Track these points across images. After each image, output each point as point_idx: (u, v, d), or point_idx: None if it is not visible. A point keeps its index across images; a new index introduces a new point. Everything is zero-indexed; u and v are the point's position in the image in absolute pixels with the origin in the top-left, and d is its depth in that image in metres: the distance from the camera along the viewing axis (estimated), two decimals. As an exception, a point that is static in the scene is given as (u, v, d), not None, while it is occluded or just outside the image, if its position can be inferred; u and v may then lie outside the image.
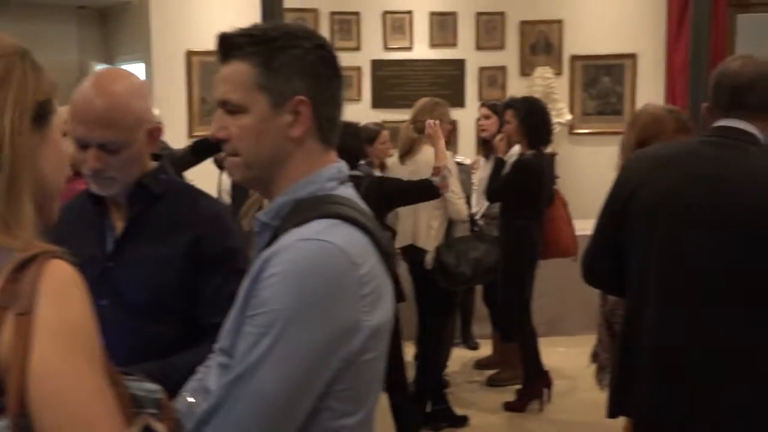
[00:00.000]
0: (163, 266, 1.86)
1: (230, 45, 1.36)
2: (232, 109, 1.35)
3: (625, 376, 2.28)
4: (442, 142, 4.31)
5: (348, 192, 1.40)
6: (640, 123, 2.94)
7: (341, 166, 1.42)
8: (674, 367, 2.14)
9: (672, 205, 2.16)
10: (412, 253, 4.66)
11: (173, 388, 1.50)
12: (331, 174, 1.39)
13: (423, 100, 4.75)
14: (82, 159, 1.83)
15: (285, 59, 1.34)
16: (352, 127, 4.07)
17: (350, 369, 1.26)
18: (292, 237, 1.27)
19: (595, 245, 2.41)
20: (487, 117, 5.57)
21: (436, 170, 4.10)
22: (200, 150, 3.82)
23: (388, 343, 1.37)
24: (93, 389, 1.04)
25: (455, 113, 7.72)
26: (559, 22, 8.20)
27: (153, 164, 1.96)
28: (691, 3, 6.04)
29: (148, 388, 1.25)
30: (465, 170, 5.29)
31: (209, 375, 1.36)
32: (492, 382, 5.38)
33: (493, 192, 4.94)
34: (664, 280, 2.17)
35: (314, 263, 1.23)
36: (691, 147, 2.26)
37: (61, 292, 1.06)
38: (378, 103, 8.09)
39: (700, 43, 5.41)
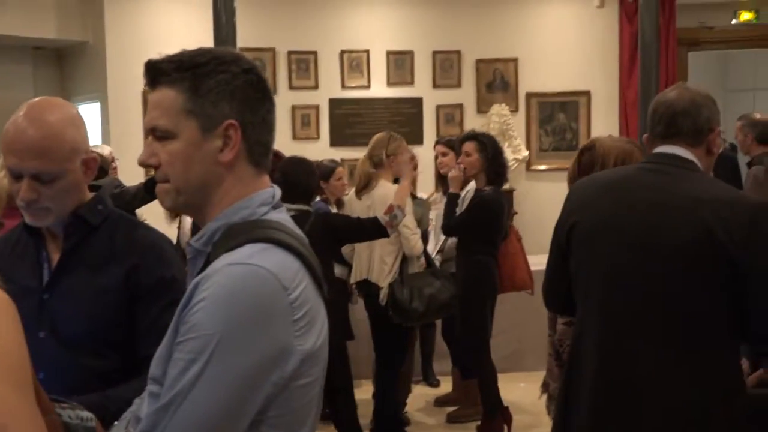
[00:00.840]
0: (99, 297, 1.83)
1: (157, 71, 1.35)
2: (161, 135, 1.34)
3: (568, 402, 2.28)
4: (406, 183, 4.33)
5: (281, 216, 1.39)
6: (611, 158, 2.95)
7: (275, 191, 1.41)
8: (613, 393, 2.15)
9: (608, 232, 2.19)
10: (367, 288, 4.65)
11: (111, 421, 1.48)
12: (263, 199, 1.38)
13: (379, 135, 4.78)
14: (16, 190, 1.80)
15: (212, 84, 1.34)
16: (306, 164, 4.09)
17: (283, 394, 1.25)
18: (222, 261, 1.26)
19: (549, 273, 2.48)
20: (444, 154, 5.58)
21: (389, 208, 4.11)
22: (152, 187, 3.81)
23: (323, 369, 1.35)
24: (23, 417, 1.01)
25: (413, 151, 7.85)
26: (515, 60, 8.35)
27: (90, 195, 1.93)
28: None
29: (82, 416, 1.23)
30: (423, 204, 5.30)
31: (142, 405, 1.33)
32: (452, 419, 5.33)
33: (449, 227, 4.94)
34: (603, 306, 2.20)
35: (243, 287, 1.22)
36: (629, 173, 2.30)
37: None
38: (336, 141, 8.15)
39: (650, 80, 5.55)
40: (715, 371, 2.09)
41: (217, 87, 1.34)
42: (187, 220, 4.95)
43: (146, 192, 3.81)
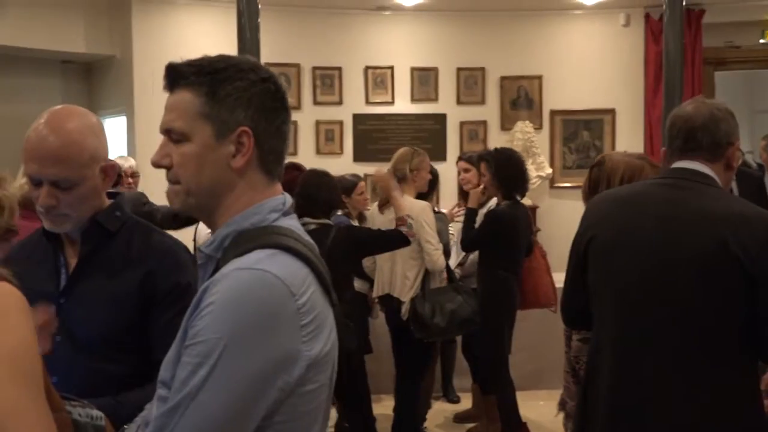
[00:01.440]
0: (115, 303, 1.85)
1: (177, 74, 1.37)
2: (176, 137, 1.36)
3: (584, 419, 2.26)
4: (397, 193, 4.33)
5: (290, 223, 1.39)
6: (618, 173, 2.94)
7: (285, 199, 1.41)
8: (628, 412, 2.12)
9: (623, 247, 2.18)
10: (389, 302, 4.65)
11: (123, 424, 1.49)
12: (274, 205, 1.38)
13: (402, 150, 4.79)
14: (35, 196, 1.83)
15: (230, 90, 1.35)
16: (327, 178, 4.11)
17: (289, 400, 1.25)
18: (230, 267, 1.26)
19: (568, 288, 2.47)
20: (466, 170, 5.59)
21: (400, 221, 4.11)
22: (182, 221, 3.89)
23: (331, 376, 1.35)
24: (32, 414, 1.02)
25: (436, 167, 7.84)
26: (539, 77, 8.34)
27: (108, 201, 1.96)
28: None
29: (92, 414, 1.25)
30: (441, 219, 5.29)
31: (153, 408, 1.34)
32: (471, 436, 5.30)
33: (467, 242, 4.95)
34: (617, 322, 2.19)
35: (250, 292, 1.22)
36: (646, 188, 2.29)
37: (2, 314, 1.05)
38: (359, 156, 8.17)
39: (674, 98, 5.52)
40: (732, 390, 2.05)
41: (235, 93, 1.35)
42: (204, 228, 4.99)
43: (174, 220, 3.84)
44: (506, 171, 4.87)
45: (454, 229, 5.65)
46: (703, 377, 2.05)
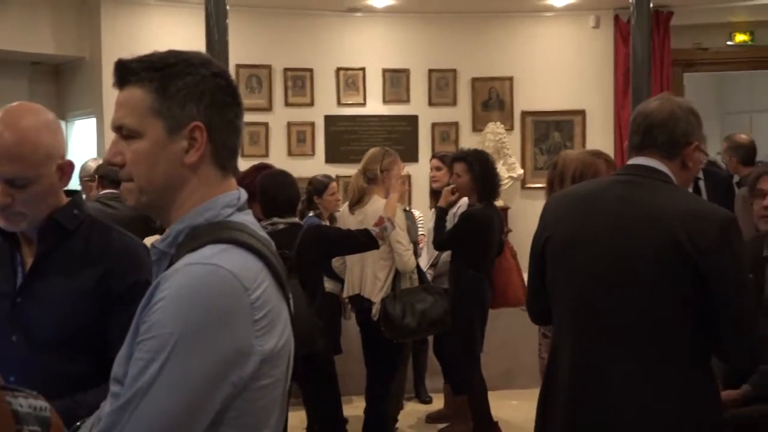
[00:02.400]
0: (73, 302, 1.83)
1: (126, 71, 1.36)
2: (128, 134, 1.35)
3: (544, 418, 2.28)
4: (395, 196, 4.34)
5: (244, 218, 1.39)
6: (569, 170, 2.97)
7: (240, 194, 1.41)
8: (585, 410, 2.14)
9: (578, 245, 2.20)
10: (359, 303, 4.64)
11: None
12: (227, 201, 1.38)
13: (373, 150, 4.78)
14: None
15: (180, 85, 1.34)
16: (284, 176, 4.11)
17: (243, 395, 1.24)
18: (182, 262, 1.26)
19: (530, 287, 2.49)
20: (438, 168, 5.61)
21: (380, 221, 4.12)
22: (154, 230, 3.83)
23: (286, 371, 1.35)
24: None
25: (408, 168, 7.86)
26: (510, 79, 8.39)
27: (66, 200, 1.94)
28: (635, 61, 6.24)
29: (35, 405, 1.23)
30: (410, 217, 5.30)
31: (105, 405, 1.33)
32: (443, 436, 5.31)
33: (439, 242, 4.96)
34: (574, 320, 2.20)
35: (202, 286, 1.22)
36: (601, 186, 2.31)
37: None
38: (331, 158, 8.18)
39: (641, 99, 5.54)
40: (687, 387, 2.06)
41: (185, 88, 1.35)
42: None
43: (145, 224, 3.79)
44: (485, 174, 4.90)
45: (425, 229, 5.66)
46: (660, 375, 2.06)
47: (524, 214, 7.88)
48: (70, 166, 1.90)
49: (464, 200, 5.06)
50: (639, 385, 2.06)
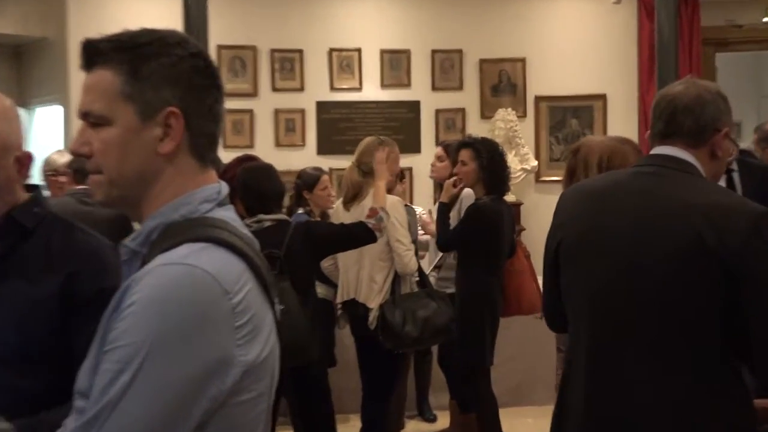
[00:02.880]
0: (32, 309, 1.82)
1: (94, 51, 1.36)
2: (95, 121, 1.35)
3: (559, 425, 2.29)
4: (381, 184, 4.34)
5: (225, 214, 1.39)
6: (594, 157, 2.96)
7: (220, 187, 1.41)
8: (603, 425, 2.14)
9: (593, 246, 2.20)
10: (354, 309, 4.65)
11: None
12: (206, 195, 1.38)
13: (368, 139, 4.77)
14: None
15: (154, 67, 1.35)
16: (266, 169, 4.11)
17: (223, 410, 1.24)
18: (155, 262, 1.26)
19: (546, 293, 2.50)
20: (440, 158, 5.58)
21: (372, 212, 4.13)
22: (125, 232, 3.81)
23: (271, 384, 1.35)
24: None
25: (410, 160, 7.88)
26: (522, 60, 8.39)
27: (25, 196, 1.93)
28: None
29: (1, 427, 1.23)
30: (410, 212, 5.27)
31: (70, 421, 1.33)
32: (449, 458, 5.32)
33: (444, 241, 4.94)
34: (590, 329, 2.21)
35: (177, 289, 1.22)
36: (619, 178, 2.31)
37: None
38: (324, 149, 8.19)
39: (668, 82, 5.53)
40: (716, 402, 2.06)
41: (159, 70, 1.35)
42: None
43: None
44: (495, 164, 4.89)
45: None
46: (687, 389, 2.06)
47: (539, 211, 7.88)
48: (30, 158, 1.89)
49: (468, 192, 5.02)
50: (663, 401, 2.06)
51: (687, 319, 2.04)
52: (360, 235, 4.14)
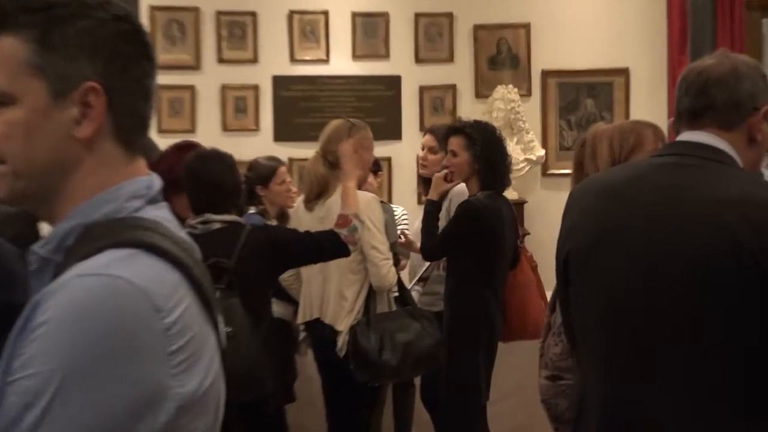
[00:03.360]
0: None
1: None
2: None
3: None
4: (353, 183, 4.33)
5: (158, 214, 1.40)
6: (603, 145, 2.99)
7: (151, 181, 1.42)
8: None
9: (607, 252, 2.23)
10: (319, 332, 4.66)
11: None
12: (134, 190, 1.39)
13: (336, 123, 4.77)
14: None
15: (70, 33, 1.35)
16: (223, 158, 4.01)
17: None
18: (71, 273, 1.26)
19: (562, 312, 2.56)
20: (432, 150, 5.54)
21: (343, 220, 4.13)
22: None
23: (214, 422, 1.36)
24: None
25: (388, 148, 7.89)
26: (526, 27, 8.43)
27: None
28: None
29: None
30: (388, 210, 5.24)
31: None
32: None
33: (430, 248, 4.93)
34: (604, 350, 2.24)
35: (98, 306, 1.22)
36: (637, 171, 2.33)
37: None
38: (282, 134, 8.22)
39: (702, 54, 5.58)
40: (749, 427, 2.09)
41: (76, 37, 1.35)
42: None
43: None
44: (492, 151, 4.90)
45: (411, 231, 5.64)
46: (712, 415, 2.09)
47: (546, 211, 7.90)
48: None
49: (460, 189, 5.03)
50: (687, 426, 2.09)
51: (719, 339, 2.07)
52: (329, 247, 4.15)
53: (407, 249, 5.44)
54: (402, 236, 5.29)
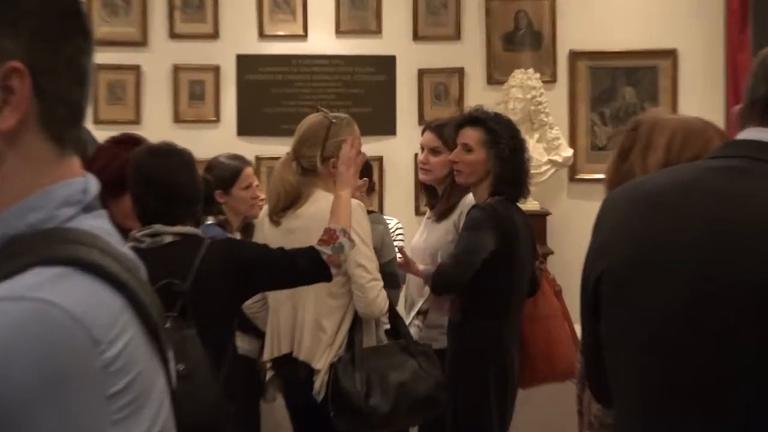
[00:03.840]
0: None
1: None
2: None
3: None
4: (347, 192, 4.33)
5: (95, 224, 1.40)
6: (662, 137, 2.99)
7: (87, 184, 1.42)
8: None
9: (648, 276, 2.24)
10: (291, 371, 4.67)
11: None
12: (66, 194, 1.39)
13: (311, 121, 4.75)
14: None
15: None
16: (179, 155, 3.97)
17: None
18: None
19: (586, 346, 2.56)
20: (434, 151, 5.50)
21: (329, 235, 4.11)
22: None
23: None
24: None
25: (380, 145, 7.92)
26: (551, -2, 8.42)
27: None
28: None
29: None
30: (377, 220, 5.22)
31: None
32: None
33: (439, 283, 4.92)
34: (643, 387, 2.25)
35: (21, 338, 1.21)
36: (687, 176, 2.34)
37: None
38: (247, 126, 8.25)
39: (766, 34, 5.64)
40: None
41: None
42: None
43: None
44: (518, 153, 4.92)
45: (408, 246, 5.62)
46: None
47: (574, 224, 7.91)
48: None
49: (471, 200, 5.04)
50: None
51: None
52: (307, 269, 4.10)
53: (405, 270, 5.35)
54: (400, 254, 5.21)
